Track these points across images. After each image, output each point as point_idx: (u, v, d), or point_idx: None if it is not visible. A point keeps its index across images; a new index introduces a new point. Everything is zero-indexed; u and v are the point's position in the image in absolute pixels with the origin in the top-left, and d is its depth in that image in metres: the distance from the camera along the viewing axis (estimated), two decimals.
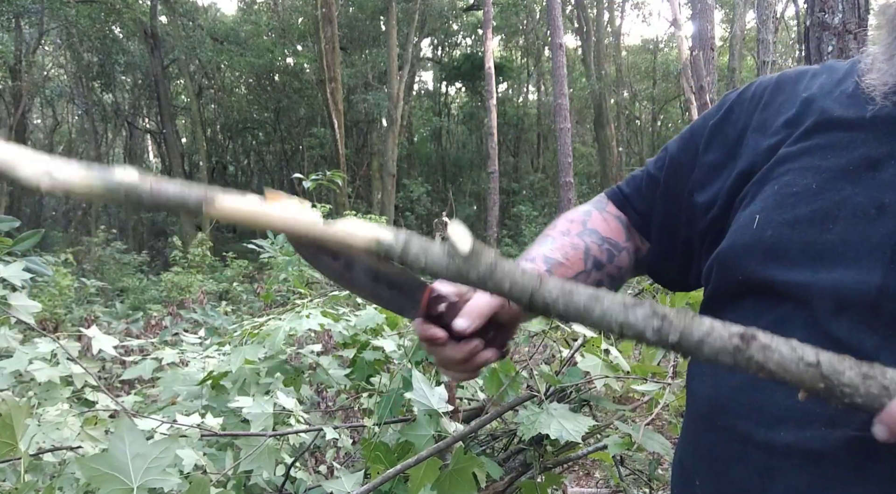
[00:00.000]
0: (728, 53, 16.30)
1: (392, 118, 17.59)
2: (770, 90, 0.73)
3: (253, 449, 1.45)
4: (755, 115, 0.72)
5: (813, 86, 0.69)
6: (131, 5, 16.71)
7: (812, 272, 0.58)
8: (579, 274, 0.79)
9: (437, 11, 21.93)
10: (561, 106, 11.03)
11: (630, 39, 35.90)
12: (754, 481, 0.59)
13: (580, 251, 0.80)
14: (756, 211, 0.64)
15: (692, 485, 0.67)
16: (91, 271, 11.94)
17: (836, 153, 0.62)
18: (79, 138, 23.95)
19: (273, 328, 1.73)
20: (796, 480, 0.56)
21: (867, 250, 0.56)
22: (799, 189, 0.62)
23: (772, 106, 0.71)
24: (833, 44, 2.90)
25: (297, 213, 0.48)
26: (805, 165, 0.63)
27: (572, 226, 0.84)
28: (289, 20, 21.55)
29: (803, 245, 0.59)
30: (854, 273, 0.56)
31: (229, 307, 6.64)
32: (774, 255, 0.61)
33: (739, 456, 0.61)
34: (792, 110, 0.68)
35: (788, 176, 0.64)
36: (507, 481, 1.77)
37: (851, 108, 0.64)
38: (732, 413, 0.63)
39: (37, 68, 19.97)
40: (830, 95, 0.67)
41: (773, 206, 0.63)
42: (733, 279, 0.65)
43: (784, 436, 0.57)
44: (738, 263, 0.64)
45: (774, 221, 0.62)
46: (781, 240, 0.61)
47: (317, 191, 4.62)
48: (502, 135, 21.43)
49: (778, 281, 0.60)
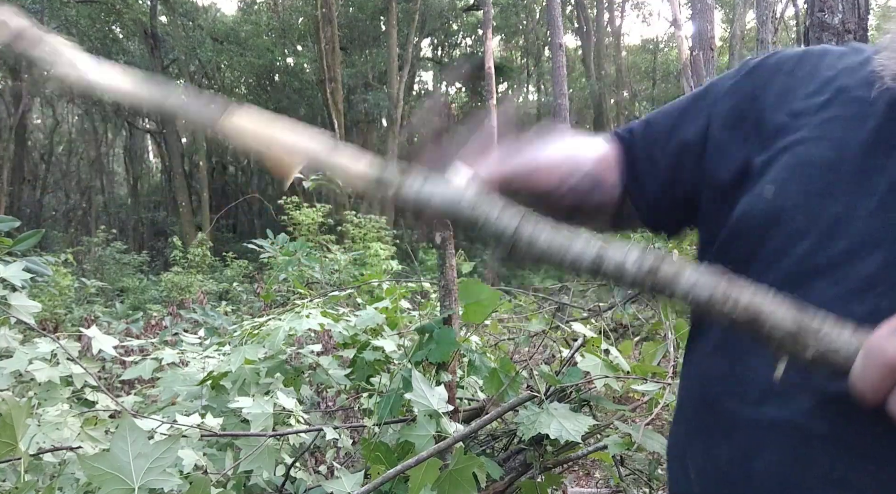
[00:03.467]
0: (728, 53, 16.30)
1: (392, 118, 17.59)
2: (795, 61, 0.72)
3: (253, 450, 1.45)
4: (777, 80, 0.71)
5: (838, 65, 0.69)
6: (131, 5, 16.71)
7: (819, 242, 0.59)
8: (559, 183, 0.75)
9: (437, 11, 21.92)
10: (561, 106, 11.02)
11: (630, 39, 35.93)
12: (739, 456, 0.60)
13: (571, 164, 0.76)
14: (770, 180, 0.64)
15: (684, 465, 0.68)
16: (91, 271, 11.94)
17: (851, 126, 0.62)
18: (79, 138, 23.93)
19: (273, 328, 1.73)
20: (780, 454, 0.57)
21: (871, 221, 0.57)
22: (814, 159, 0.62)
23: (795, 75, 0.71)
24: (833, 44, 2.90)
25: (304, 140, 0.50)
26: (821, 135, 0.63)
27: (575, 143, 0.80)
28: (289, 20, 21.54)
29: (811, 216, 0.60)
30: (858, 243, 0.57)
31: (229, 307, 6.64)
32: (783, 225, 0.61)
33: (726, 433, 0.62)
34: (813, 84, 0.68)
35: (802, 146, 0.64)
36: (507, 481, 1.77)
37: (868, 87, 0.64)
38: (720, 391, 0.64)
39: (37, 68, 19.94)
40: (852, 74, 0.67)
41: (788, 177, 0.63)
42: (746, 249, 0.65)
43: (767, 413, 0.58)
44: (751, 232, 0.64)
45: (787, 191, 0.62)
46: (791, 209, 0.61)
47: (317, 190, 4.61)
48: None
49: (785, 252, 0.61)
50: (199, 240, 12.36)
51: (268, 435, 1.47)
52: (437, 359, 1.55)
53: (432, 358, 1.55)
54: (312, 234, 8.23)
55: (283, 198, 9.26)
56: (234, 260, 11.32)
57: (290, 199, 8.98)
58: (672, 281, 0.49)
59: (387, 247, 9.07)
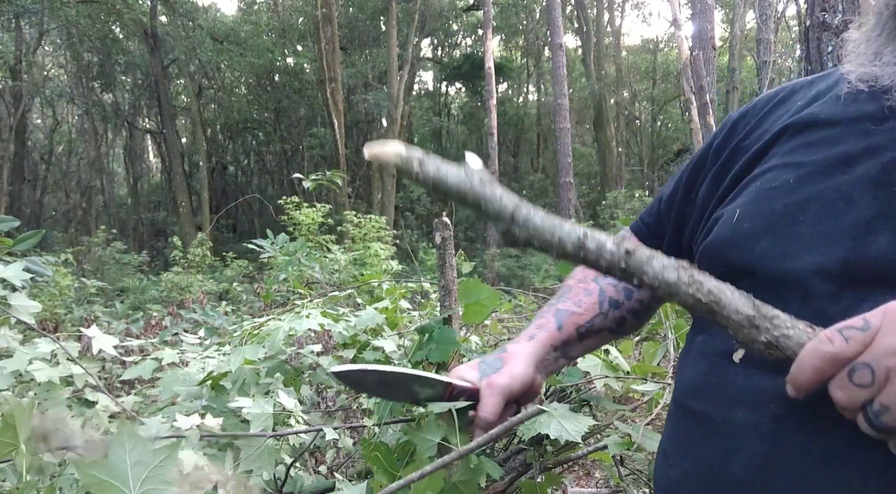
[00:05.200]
0: (728, 53, 16.30)
1: (392, 118, 17.60)
2: (771, 103, 0.77)
3: (253, 450, 1.45)
4: (754, 124, 0.76)
5: (808, 94, 0.73)
6: (131, 5, 16.71)
7: (782, 261, 0.62)
8: (595, 317, 0.83)
9: (437, 11, 21.93)
10: (561, 106, 11.04)
11: (630, 39, 35.94)
12: (717, 458, 0.63)
13: (594, 295, 0.84)
14: (738, 205, 0.68)
15: (668, 466, 0.72)
16: (91, 271, 11.94)
17: (816, 150, 0.66)
18: (79, 138, 23.94)
19: (273, 328, 1.73)
20: (754, 457, 0.59)
21: (831, 239, 0.60)
22: (778, 184, 0.66)
23: (771, 115, 0.75)
24: (833, 44, 2.90)
25: None
26: (787, 162, 0.67)
27: (588, 273, 0.87)
28: (289, 20, 21.55)
29: (774, 236, 0.63)
30: (818, 259, 0.59)
31: (229, 307, 6.64)
32: (750, 246, 0.64)
33: (706, 436, 0.65)
34: (785, 117, 0.72)
35: (771, 173, 0.67)
36: (507, 481, 1.77)
37: (837, 108, 0.67)
38: (701, 396, 0.67)
39: (37, 68, 19.98)
40: (821, 100, 0.70)
41: (753, 201, 0.67)
42: (717, 271, 0.68)
43: (742, 416, 0.61)
44: (719, 255, 0.68)
45: (752, 214, 0.66)
46: (756, 231, 0.64)
47: (317, 190, 4.62)
48: (502, 136, 21.44)
49: (753, 272, 0.64)
50: (199, 239, 12.36)
51: (267, 436, 1.47)
52: (437, 359, 1.55)
53: (432, 358, 1.55)
54: (312, 234, 8.23)
55: (282, 198, 9.26)
56: (234, 260, 11.32)
57: (290, 199, 8.98)
58: (645, 263, 0.54)
59: (387, 247, 9.06)
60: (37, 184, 21.22)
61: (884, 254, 0.56)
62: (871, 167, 0.60)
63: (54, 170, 22.94)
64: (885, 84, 0.62)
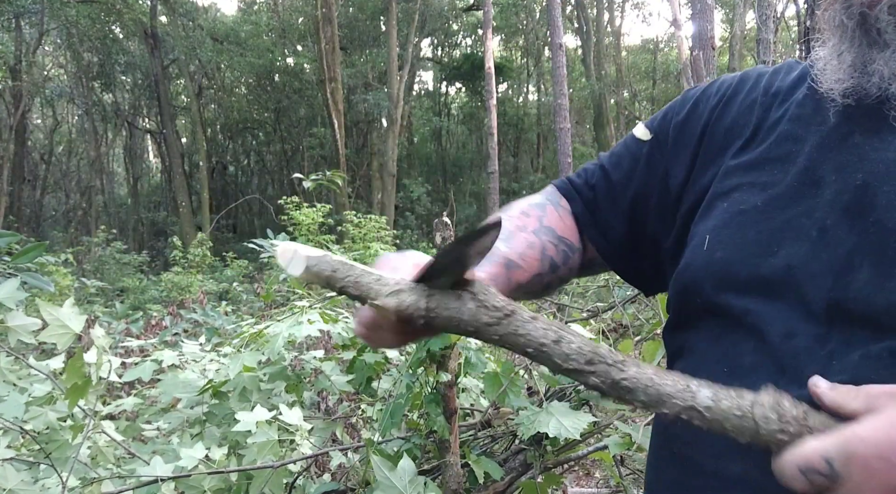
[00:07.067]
0: (728, 53, 16.30)
1: (392, 118, 17.59)
2: (732, 88, 0.74)
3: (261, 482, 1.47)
4: (716, 114, 0.73)
5: (770, 88, 0.70)
6: (131, 5, 16.71)
7: (760, 299, 0.59)
8: (534, 277, 0.75)
9: (437, 11, 21.92)
10: (561, 106, 11.04)
11: (630, 39, 35.93)
12: None
13: (536, 250, 0.76)
14: (707, 229, 0.66)
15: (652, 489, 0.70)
16: (91, 271, 11.94)
17: (782, 167, 0.63)
18: (79, 138, 23.93)
19: (272, 334, 1.72)
20: None
21: (810, 276, 0.57)
22: (746, 208, 0.63)
23: (731, 107, 0.72)
24: None
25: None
26: (752, 181, 0.64)
27: (528, 222, 0.79)
28: (289, 20, 21.54)
29: (751, 270, 0.60)
30: (800, 298, 0.57)
31: (229, 307, 6.64)
32: (725, 281, 0.62)
33: (699, 487, 0.62)
34: (747, 116, 0.70)
35: (737, 192, 0.65)
36: (508, 481, 1.77)
37: (800, 117, 0.65)
38: (684, 441, 0.64)
39: (37, 68, 19.97)
40: (783, 101, 0.68)
41: (722, 226, 0.64)
42: (692, 302, 0.66)
43: (732, 468, 0.59)
44: (693, 287, 0.65)
45: (723, 243, 0.63)
46: (731, 264, 0.62)
47: (317, 190, 4.62)
48: (502, 135, 21.44)
49: (731, 307, 0.61)
50: (199, 239, 12.36)
51: (275, 466, 1.48)
52: (437, 347, 1.54)
53: (433, 347, 1.54)
54: (312, 234, 8.23)
55: (283, 198, 9.26)
56: (234, 260, 11.33)
57: (290, 199, 8.98)
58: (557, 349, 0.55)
59: (387, 247, 9.06)
60: (37, 184, 21.21)
61: (866, 295, 0.54)
62: (842, 190, 0.58)
63: (54, 170, 22.93)
64: (874, 93, 0.60)
